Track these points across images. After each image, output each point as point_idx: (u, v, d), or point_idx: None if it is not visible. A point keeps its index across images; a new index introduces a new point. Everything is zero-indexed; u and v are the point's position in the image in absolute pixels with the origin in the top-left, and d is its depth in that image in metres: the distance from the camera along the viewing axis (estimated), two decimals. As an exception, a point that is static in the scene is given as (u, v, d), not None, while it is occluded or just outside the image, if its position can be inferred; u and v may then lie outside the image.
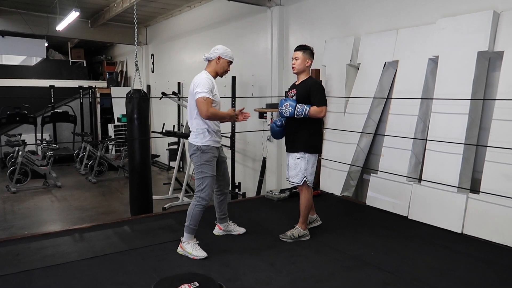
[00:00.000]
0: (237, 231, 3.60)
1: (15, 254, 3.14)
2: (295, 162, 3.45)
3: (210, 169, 3.17)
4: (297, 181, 3.46)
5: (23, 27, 8.53)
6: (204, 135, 3.18)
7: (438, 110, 3.93)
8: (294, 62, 3.50)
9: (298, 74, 3.53)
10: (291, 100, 3.39)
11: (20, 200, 6.71)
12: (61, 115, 9.92)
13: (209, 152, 3.17)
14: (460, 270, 2.88)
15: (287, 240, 3.41)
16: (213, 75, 3.26)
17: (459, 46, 3.77)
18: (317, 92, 3.41)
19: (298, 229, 3.47)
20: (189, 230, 3.15)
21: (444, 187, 3.73)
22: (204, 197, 3.15)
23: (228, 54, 3.29)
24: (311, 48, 3.53)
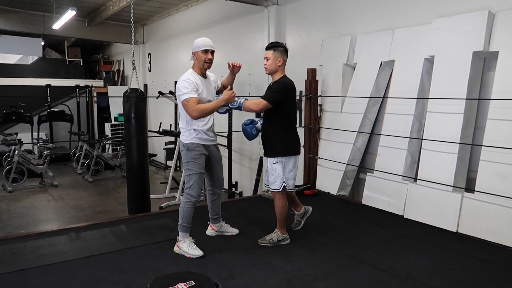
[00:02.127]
0: (230, 232, 3.57)
1: (11, 253, 3.14)
2: (272, 168, 3.29)
3: (197, 167, 3.14)
4: (276, 188, 3.27)
5: (19, 25, 8.50)
6: (190, 133, 3.17)
7: (433, 110, 3.95)
8: (265, 63, 3.33)
9: (272, 75, 3.36)
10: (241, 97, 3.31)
11: (16, 199, 6.69)
12: (57, 114, 9.89)
13: (194, 150, 3.14)
14: (455, 269, 2.90)
15: (266, 245, 3.29)
16: (199, 72, 3.20)
17: (454, 46, 3.79)
18: (273, 89, 3.27)
19: (277, 233, 3.35)
20: (182, 229, 3.16)
21: (440, 186, 3.75)
22: (192, 194, 3.14)
23: (198, 44, 3.18)
24: (284, 45, 3.35)
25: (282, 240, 3.36)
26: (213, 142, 3.32)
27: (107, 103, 11.37)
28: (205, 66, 3.18)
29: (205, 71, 3.24)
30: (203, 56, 3.15)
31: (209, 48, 3.17)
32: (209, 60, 3.17)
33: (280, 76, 3.35)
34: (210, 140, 3.27)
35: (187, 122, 3.17)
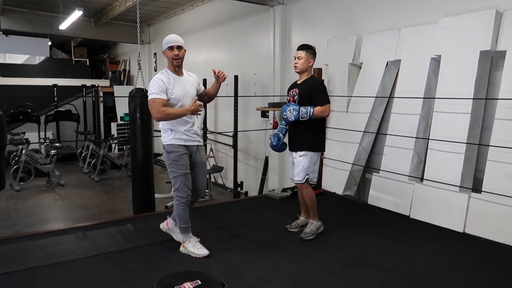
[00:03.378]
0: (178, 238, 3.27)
1: (19, 251, 3.17)
2: (298, 160, 3.48)
3: (179, 168, 3.06)
4: (299, 179, 3.47)
5: (26, 26, 8.57)
6: (168, 134, 3.11)
7: (440, 110, 3.93)
8: (296, 62, 3.50)
9: (301, 74, 3.54)
10: (294, 105, 3.42)
11: (23, 198, 6.75)
12: (64, 113, 9.95)
13: (173, 151, 3.07)
14: (461, 270, 2.89)
15: (310, 238, 3.43)
16: (172, 69, 3.13)
17: (461, 45, 3.77)
18: (319, 91, 3.43)
19: (314, 223, 3.53)
20: (182, 230, 3.15)
21: (446, 187, 3.74)
22: (181, 195, 3.08)
23: (164, 42, 3.14)
24: (314, 48, 3.53)
25: (320, 228, 3.52)
26: (195, 143, 3.19)
27: (113, 102, 11.42)
28: (174, 63, 3.09)
29: (178, 68, 3.14)
30: (170, 53, 3.10)
31: (173, 44, 3.10)
32: (176, 56, 3.08)
33: (309, 75, 3.53)
34: (191, 140, 3.15)
35: (166, 122, 3.09)
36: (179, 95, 3.07)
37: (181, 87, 3.10)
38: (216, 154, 7.70)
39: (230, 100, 6.74)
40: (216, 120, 7.88)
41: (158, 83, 3.01)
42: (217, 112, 7.83)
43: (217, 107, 7.79)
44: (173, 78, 3.09)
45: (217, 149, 7.77)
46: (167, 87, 3.02)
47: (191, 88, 3.21)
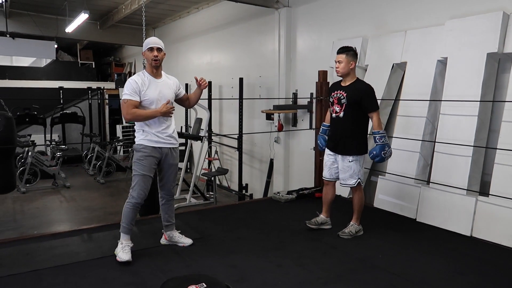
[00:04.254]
0: (182, 243, 3.31)
1: (25, 253, 3.18)
2: (348, 165, 3.51)
3: (141, 168, 3.05)
4: (352, 183, 3.53)
5: (33, 29, 8.64)
6: (140, 134, 3.11)
7: (446, 112, 3.90)
8: (337, 66, 3.47)
9: (344, 77, 3.52)
10: (377, 149, 3.37)
11: (29, 200, 6.78)
12: (70, 116, 10.02)
13: (140, 151, 3.06)
14: (469, 274, 2.86)
15: (347, 237, 3.49)
16: (150, 71, 3.12)
17: (468, 47, 3.75)
18: (370, 97, 3.44)
19: (354, 225, 3.58)
20: (122, 229, 3.09)
21: (453, 190, 3.70)
22: (133, 195, 3.06)
23: (145, 43, 3.14)
24: (354, 49, 3.49)
25: (359, 231, 3.57)
26: (168, 145, 3.15)
27: (118, 105, 11.47)
28: (153, 63, 3.08)
29: (156, 70, 3.12)
30: (149, 54, 3.08)
31: (153, 46, 3.09)
32: (155, 57, 3.07)
33: (354, 78, 3.51)
34: (163, 142, 3.12)
35: (140, 122, 3.10)
36: (152, 97, 3.06)
37: (156, 90, 3.08)
38: (221, 156, 7.70)
39: (235, 102, 6.74)
40: (221, 123, 7.89)
41: (131, 84, 3.03)
42: (222, 114, 7.84)
43: (222, 109, 7.80)
44: (149, 80, 3.08)
45: (222, 152, 7.77)
46: (140, 89, 3.03)
47: (168, 91, 3.17)
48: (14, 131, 4.23)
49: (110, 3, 8.03)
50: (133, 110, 3.01)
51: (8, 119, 4.09)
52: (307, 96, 5.60)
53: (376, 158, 3.40)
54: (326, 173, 3.70)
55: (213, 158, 7.39)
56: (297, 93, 5.89)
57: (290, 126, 6.06)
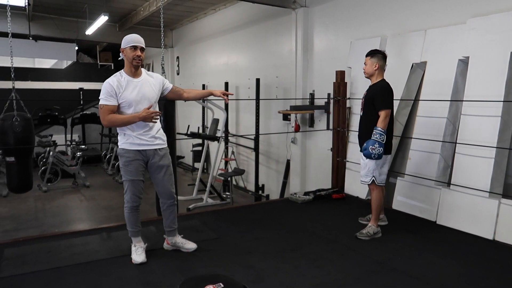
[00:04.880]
0: (186, 249, 3.20)
1: (47, 251, 3.25)
2: (364, 162, 3.59)
3: (128, 174, 2.96)
4: (366, 181, 3.61)
5: (54, 31, 8.83)
6: (122, 137, 2.99)
7: (468, 112, 3.81)
8: (364, 67, 3.67)
9: (370, 78, 3.66)
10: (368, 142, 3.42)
11: (50, 199, 6.94)
12: (89, 116, 10.19)
13: (124, 156, 2.96)
14: (491, 278, 2.79)
15: (364, 238, 3.50)
16: (128, 71, 2.94)
17: (490, 46, 3.66)
18: (380, 96, 3.51)
19: (372, 226, 3.58)
20: (129, 234, 3.10)
21: (475, 192, 3.62)
22: (127, 199, 3.01)
23: (127, 40, 2.92)
24: (382, 52, 3.62)
25: (377, 233, 3.57)
26: (152, 147, 3.01)
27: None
28: (134, 63, 2.89)
29: (136, 69, 2.94)
30: (131, 53, 2.88)
31: (137, 45, 2.89)
32: (138, 57, 2.88)
33: (378, 79, 3.62)
34: (146, 145, 2.98)
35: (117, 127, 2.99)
36: (130, 99, 2.89)
37: (134, 91, 2.91)
38: (238, 157, 7.72)
39: (251, 103, 6.75)
40: (237, 123, 7.91)
41: (106, 88, 2.86)
42: (239, 115, 7.86)
43: (238, 110, 7.82)
44: (127, 81, 2.90)
45: (238, 152, 7.78)
46: (116, 91, 2.86)
47: (149, 90, 2.99)
48: (32, 132, 4.31)
49: (129, 5, 8.14)
50: (110, 116, 2.85)
51: (26, 120, 4.18)
52: (324, 97, 5.56)
53: (364, 150, 3.45)
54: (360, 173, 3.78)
55: (229, 159, 7.41)
56: (314, 94, 5.86)
57: (307, 126, 6.03)
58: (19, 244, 3.40)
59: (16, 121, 4.06)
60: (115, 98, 2.86)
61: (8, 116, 4.11)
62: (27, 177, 4.39)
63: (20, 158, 4.24)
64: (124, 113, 2.92)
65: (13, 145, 4.10)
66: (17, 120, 4.06)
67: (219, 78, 8.06)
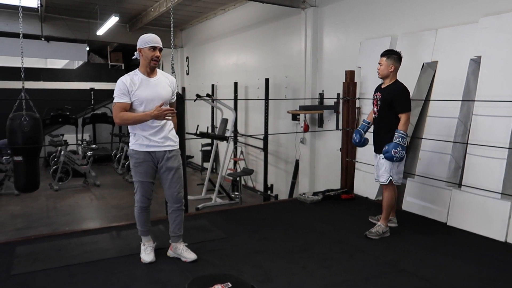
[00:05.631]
0: (185, 258, 3.05)
1: (58, 249, 3.29)
2: (381, 162, 3.59)
3: (137, 175, 2.96)
4: (383, 181, 3.59)
5: (66, 32, 8.94)
6: (132, 138, 2.98)
7: (480, 113, 3.77)
8: (378, 68, 3.61)
9: (384, 78, 3.62)
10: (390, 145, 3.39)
11: (62, 197, 7.02)
12: (100, 116, 10.29)
13: (133, 157, 2.95)
14: (503, 281, 2.75)
15: (374, 237, 3.50)
16: (144, 70, 2.93)
17: (503, 45, 3.61)
18: (400, 99, 3.49)
19: (381, 226, 3.58)
20: (139, 232, 3.11)
21: (486, 193, 3.57)
22: (137, 199, 3.03)
23: (146, 40, 2.91)
24: (397, 53, 3.58)
25: (386, 232, 3.57)
26: (162, 148, 2.95)
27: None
28: (152, 64, 2.90)
29: (152, 69, 2.94)
30: (150, 53, 2.88)
31: (156, 45, 2.90)
32: (156, 58, 2.89)
33: (392, 80, 3.59)
34: (156, 146, 2.92)
35: (131, 126, 2.95)
36: (142, 97, 2.87)
37: (147, 89, 2.89)
38: (247, 157, 7.73)
39: (260, 103, 6.75)
40: (246, 123, 7.91)
41: (119, 86, 2.87)
42: (248, 115, 7.86)
43: (247, 109, 7.83)
44: (141, 79, 2.90)
45: (247, 152, 7.79)
46: (129, 89, 2.85)
47: (163, 90, 2.96)
48: (40, 132, 4.34)
49: (139, 6, 8.20)
50: (121, 113, 2.83)
51: (35, 119, 4.21)
52: (334, 97, 5.54)
53: (386, 153, 3.40)
54: (375, 174, 3.79)
55: (238, 159, 7.42)
56: (323, 94, 5.83)
57: (316, 126, 6.01)
58: (30, 242, 3.45)
59: (24, 120, 4.10)
60: (127, 96, 2.85)
61: (17, 115, 4.15)
62: (34, 177, 4.41)
63: (28, 158, 4.27)
64: (136, 111, 2.89)
65: (21, 145, 4.15)
66: (26, 120, 4.10)
67: (228, 78, 8.07)
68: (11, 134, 4.14)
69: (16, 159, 4.26)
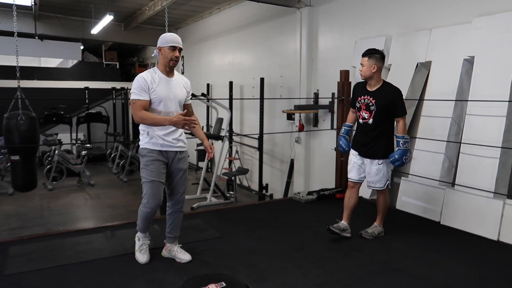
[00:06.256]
0: (180, 259, 3.04)
1: (51, 249, 3.27)
2: (377, 168, 3.48)
3: (148, 174, 2.87)
4: (381, 186, 3.52)
5: (60, 31, 8.89)
6: (144, 137, 2.91)
7: (473, 112, 3.79)
8: (360, 69, 3.45)
9: (368, 80, 3.44)
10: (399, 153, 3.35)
11: (56, 197, 6.98)
12: (95, 115, 10.23)
13: (146, 156, 2.88)
14: (496, 279, 2.77)
15: (368, 237, 3.52)
16: (163, 69, 2.91)
17: (496, 46, 3.64)
18: (399, 102, 3.40)
19: (378, 227, 3.61)
20: (138, 227, 3.06)
21: (479, 192, 3.60)
22: (144, 203, 2.92)
23: (166, 39, 2.89)
24: (380, 52, 3.41)
25: (381, 233, 3.61)
26: (175, 148, 2.95)
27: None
28: (171, 63, 2.88)
29: (170, 69, 2.94)
30: (170, 53, 2.86)
31: (177, 45, 2.88)
32: (176, 58, 2.88)
33: (380, 82, 3.43)
34: (169, 146, 2.92)
35: (144, 124, 2.90)
36: (161, 94, 2.85)
37: (167, 87, 2.89)
38: (242, 156, 7.72)
39: (256, 102, 6.75)
40: (242, 122, 7.91)
41: (139, 82, 2.81)
42: (243, 114, 7.86)
43: (243, 109, 7.82)
44: (160, 77, 2.88)
45: (242, 151, 7.79)
46: (149, 86, 2.81)
47: (180, 91, 2.98)
48: (37, 131, 4.32)
49: (134, 5, 8.17)
50: (142, 112, 2.78)
51: (31, 118, 4.19)
52: (329, 96, 5.55)
53: (396, 162, 3.37)
54: (354, 174, 3.59)
55: (233, 158, 7.42)
56: (318, 93, 5.85)
57: (311, 126, 6.02)
58: (24, 242, 3.43)
59: (21, 119, 4.08)
60: (147, 93, 2.81)
61: (13, 115, 4.12)
62: (31, 176, 4.40)
63: (25, 157, 4.26)
64: (154, 109, 2.86)
65: (18, 144, 4.12)
66: (22, 119, 4.08)
67: (223, 77, 8.06)
68: (7, 133, 4.12)
69: (13, 158, 4.24)
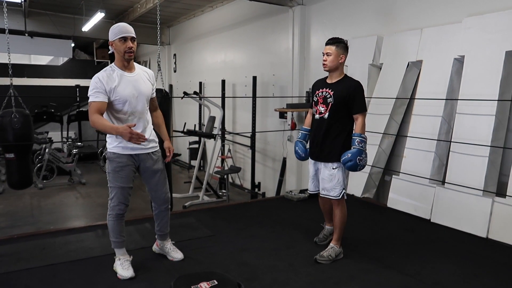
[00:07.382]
0: (172, 257, 3.01)
1: (41, 248, 3.25)
2: (331, 173, 3.05)
3: (118, 180, 2.72)
4: (336, 195, 3.05)
5: (50, 28, 8.79)
6: (113, 140, 2.70)
7: (463, 111, 3.83)
8: (325, 59, 3.03)
9: (331, 72, 3.08)
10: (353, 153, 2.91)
11: (46, 196, 6.92)
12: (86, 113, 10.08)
13: (115, 161, 2.70)
14: (484, 276, 2.81)
15: (325, 262, 3.00)
16: (121, 65, 2.69)
17: (486, 45, 3.68)
18: (359, 97, 3.00)
19: (334, 248, 3.09)
20: (114, 245, 2.81)
21: (469, 190, 3.64)
22: (112, 207, 2.77)
23: (114, 31, 2.64)
24: (345, 41, 3.09)
25: (339, 255, 3.09)
26: (146, 150, 2.79)
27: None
28: (126, 56, 2.63)
29: (128, 63, 2.69)
30: (122, 45, 2.61)
31: (127, 35, 2.61)
32: (130, 49, 2.62)
33: (342, 75, 3.08)
34: (140, 148, 2.73)
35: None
36: (124, 94, 2.62)
37: (129, 86, 2.66)
38: (234, 154, 7.72)
39: (248, 101, 6.74)
40: (234, 121, 7.90)
41: (94, 83, 2.58)
42: (235, 112, 7.85)
43: (235, 107, 7.81)
44: (119, 75, 2.65)
45: (234, 150, 7.79)
46: (106, 87, 2.57)
47: (145, 86, 2.76)
48: (31, 128, 4.30)
49: (125, 2, 8.11)
50: (95, 116, 2.52)
51: (25, 116, 4.18)
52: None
53: (349, 162, 2.89)
54: (310, 185, 3.27)
55: (226, 156, 7.41)
56: (310, 92, 5.86)
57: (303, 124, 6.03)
58: (14, 241, 3.40)
59: (15, 117, 4.05)
60: (104, 94, 2.58)
61: (7, 112, 4.09)
62: (27, 173, 4.39)
63: (19, 155, 4.24)
64: (119, 110, 2.66)
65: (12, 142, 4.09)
66: (16, 117, 4.06)
67: (216, 76, 8.05)
68: (1, 131, 4.09)
69: (8, 156, 4.21)
